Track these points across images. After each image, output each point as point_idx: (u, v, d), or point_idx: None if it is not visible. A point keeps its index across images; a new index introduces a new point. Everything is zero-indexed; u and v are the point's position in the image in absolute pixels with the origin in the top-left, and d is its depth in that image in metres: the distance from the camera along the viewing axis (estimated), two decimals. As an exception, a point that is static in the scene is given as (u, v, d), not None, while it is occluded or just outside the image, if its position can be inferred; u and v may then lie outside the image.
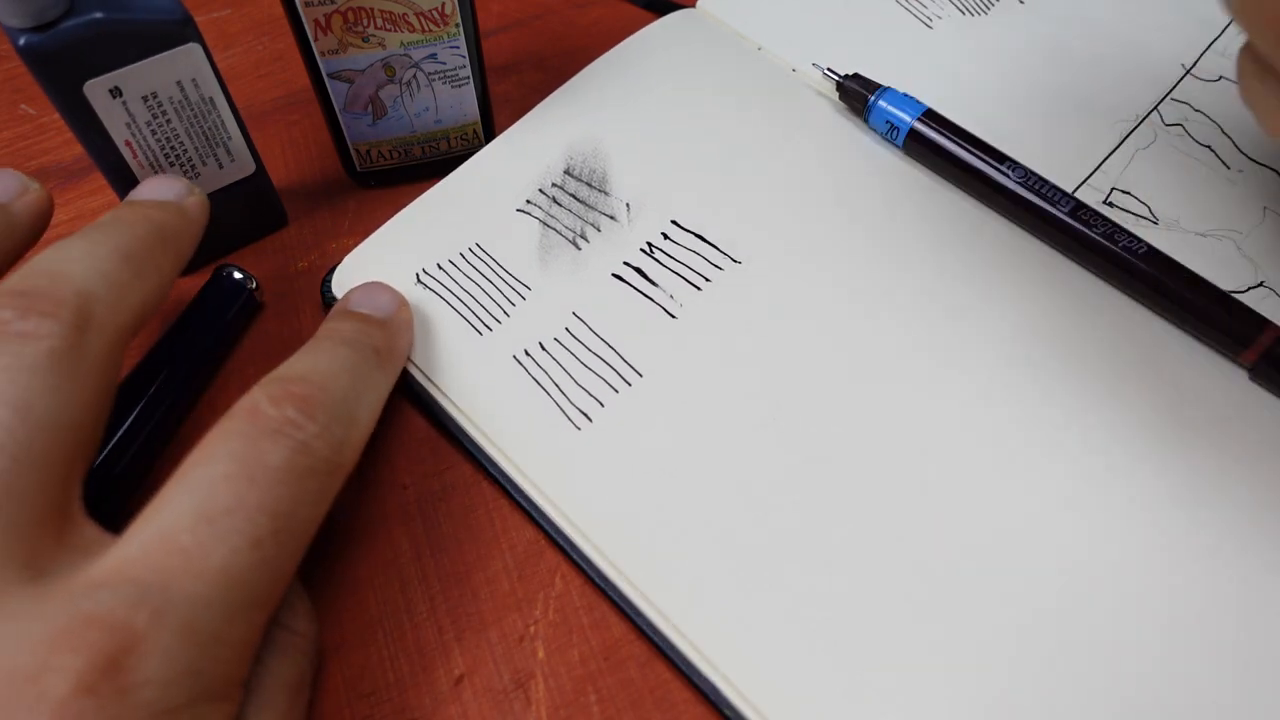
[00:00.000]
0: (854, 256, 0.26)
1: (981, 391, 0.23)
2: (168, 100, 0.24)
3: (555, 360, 0.24)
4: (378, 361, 0.22)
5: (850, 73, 0.29)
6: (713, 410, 0.23)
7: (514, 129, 0.30)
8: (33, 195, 0.22)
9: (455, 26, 0.26)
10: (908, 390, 0.23)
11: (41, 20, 0.21)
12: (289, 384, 0.19)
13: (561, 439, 0.23)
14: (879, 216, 0.27)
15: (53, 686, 0.14)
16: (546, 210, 0.28)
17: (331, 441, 0.19)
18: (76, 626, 0.15)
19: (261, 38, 0.36)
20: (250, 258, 0.29)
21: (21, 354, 0.17)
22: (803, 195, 0.28)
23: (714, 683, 0.20)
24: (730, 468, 0.22)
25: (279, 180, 0.30)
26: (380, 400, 0.22)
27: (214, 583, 0.16)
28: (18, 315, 0.17)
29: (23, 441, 0.16)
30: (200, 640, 0.16)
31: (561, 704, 0.20)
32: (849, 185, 0.28)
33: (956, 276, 0.26)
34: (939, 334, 0.24)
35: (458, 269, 0.26)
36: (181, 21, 0.23)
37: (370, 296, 0.24)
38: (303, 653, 0.19)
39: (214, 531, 0.17)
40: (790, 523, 0.21)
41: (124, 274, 0.20)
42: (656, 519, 0.22)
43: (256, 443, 0.18)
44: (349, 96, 0.27)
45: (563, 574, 0.22)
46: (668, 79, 0.31)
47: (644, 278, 0.26)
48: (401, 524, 0.23)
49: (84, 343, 0.18)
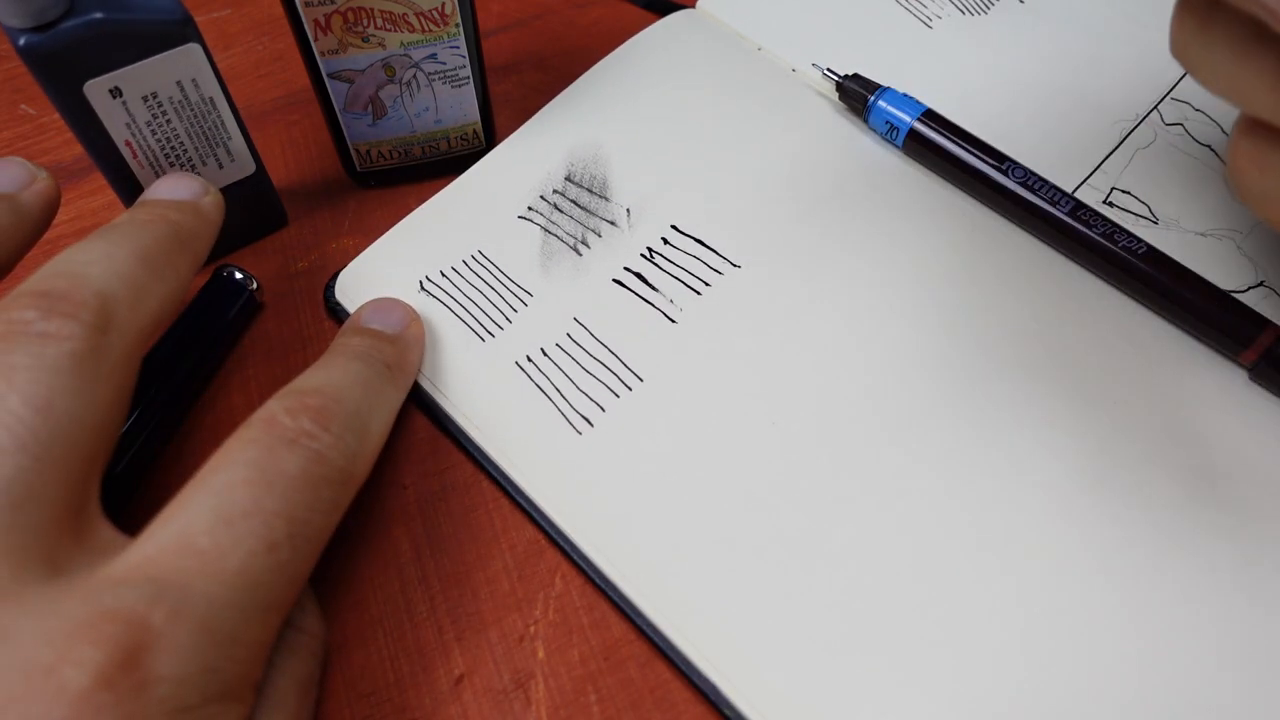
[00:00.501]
0: (854, 258, 0.26)
1: (981, 392, 0.23)
2: (168, 100, 0.24)
3: (557, 365, 0.24)
4: (389, 376, 0.22)
5: (850, 73, 0.29)
6: (713, 414, 0.23)
7: (515, 136, 0.30)
8: (41, 184, 0.22)
9: (455, 26, 0.26)
10: (907, 391, 0.23)
11: (41, 20, 0.21)
12: (304, 396, 0.20)
13: (563, 443, 0.23)
14: (879, 217, 0.27)
15: (71, 679, 0.14)
16: (548, 217, 0.28)
17: (345, 452, 0.19)
18: (95, 621, 0.15)
19: (261, 38, 0.36)
20: (250, 258, 0.29)
21: (44, 354, 0.17)
22: (802, 196, 0.28)
23: (714, 683, 0.20)
24: (730, 470, 0.22)
25: (279, 180, 0.30)
26: (391, 414, 0.22)
27: (231, 584, 0.16)
28: (40, 316, 0.18)
29: (44, 441, 0.16)
30: (217, 640, 0.16)
31: (561, 704, 0.20)
32: (848, 186, 0.28)
33: (956, 277, 0.26)
34: (939, 335, 0.24)
35: (460, 276, 0.26)
36: (181, 21, 0.23)
37: (382, 313, 0.24)
38: (312, 653, 0.20)
39: (232, 534, 0.17)
40: (790, 524, 0.21)
41: (143, 276, 0.20)
42: (657, 521, 0.22)
43: (273, 451, 0.18)
44: (349, 96, 0.27)
45: (563, 574, 0.22)
46: (667, 81, 0.31)
47: (645, 283, 0.26)
48: (401, 524, 0.23)
49: (104, 344, 0.18)
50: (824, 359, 0.24)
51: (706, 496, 0.22)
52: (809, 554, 0.21)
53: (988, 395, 0.23)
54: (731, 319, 0.25)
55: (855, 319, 0.25)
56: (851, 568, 0.21)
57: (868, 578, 0.21)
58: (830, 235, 0.27)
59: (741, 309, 0.25)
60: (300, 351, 0.26)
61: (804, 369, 0.24)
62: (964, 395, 0.23)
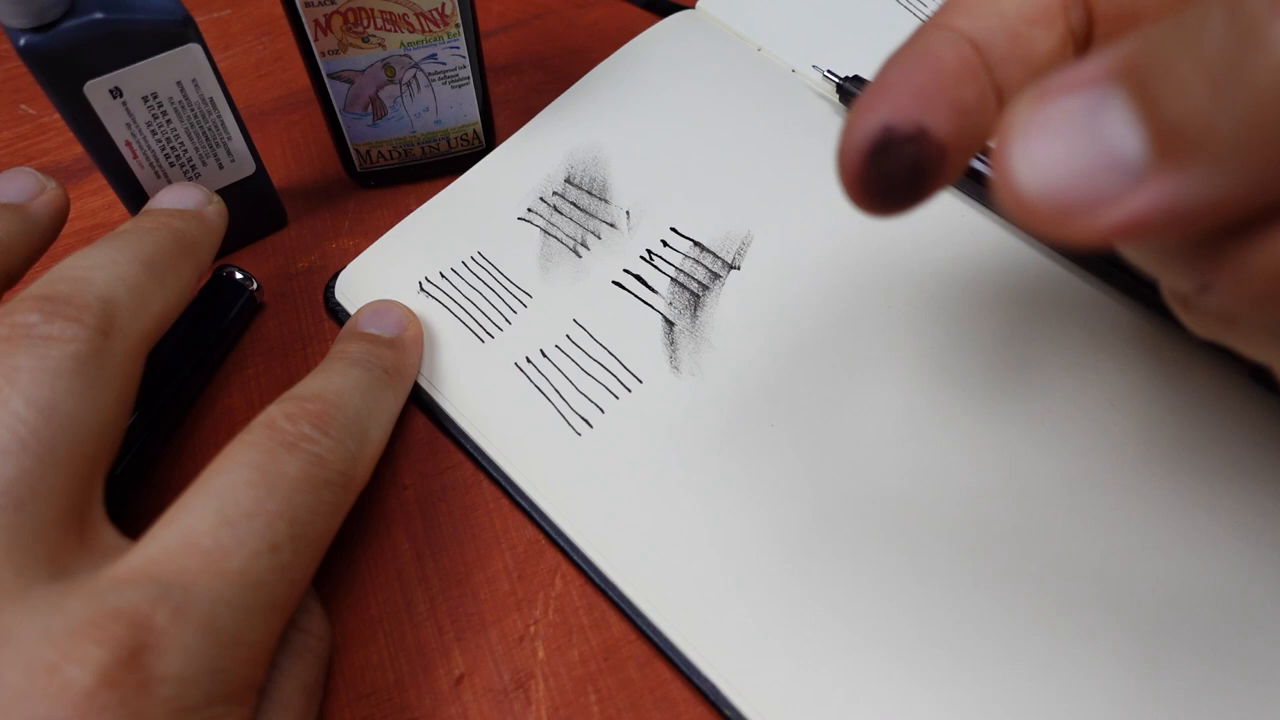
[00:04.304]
0: (853, 260, 0.26)
1: (980, 393, 0.23)
2: (168, 101, 0.24)
3: (556, 367, 0.25)
4: (388, 381, 0.23)
5: (850, 75, 0.29)
6: (713, 415, 0.23)
7: (515, 138, 0.30)
8: (50, 194, 0.22)
9: (455, 27, 0.26)
10: (908, 393, 0.23)
11: (42, 21, 0.21)
12: (304, 402, 0.20)
13: (562, 444, 0.23)
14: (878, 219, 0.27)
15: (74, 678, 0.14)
16: (547, 218, 0.28)
17: (345, 456, 0.20)
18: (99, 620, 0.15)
19: (261, 38, 0.36)
20: (250, 258, 0.29)
21: (47, 357, 0.17)
22: (801, 198, 0.28)
23: (714, 683, 0.20)
24: (730, 471, 0.22)
25: (279, 180, 0.30)
26: (391, 419, 0.22)
27: (234, 584, 0.17)
28: (44, 319, 0.18)
29: (47, 443, 0.17)
30: (220, 640, 0.16)
31: (561, 704, 0.20)
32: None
33: (955, 280, 0.26)
34: (938, 337, 0.24)
35: (460, 277, 0.26)
36: (181, 22, 0.23)
37: (379, 317, 0.25)
38: (317, 654, 0.20)
39: (235, 534, 0.17)
40: (790, 525, 0.21)
41: (145, 281, 0.20)
42: (657, 521, 0.22)
43: (274, 454, 0.18)
44: (349, 97, 0.27)
45: (563, 574, 0.22)
46: (667, 83, 0.31)
47: (644, 285, 0.26)
48: (401, 524, 0.23)
49: (107, 347, 0.18)
50: (823, 360, 0.24)
51: (706, 497, 0.22)
52: (809, 554, 0.21)
53: (987, 395, 0.23)
54: (730, 321, 0.25)
55: (855, 321, 0.25)
56: (852, 568, 0.21)
57: (868, 578, 0.21)
58: (830, 237, 0.27)
59: (741, 311, 0.25)
60: (300, 352, 0.26)
61: (803, 370, 0.24)
62: (963, 396, 0.23)
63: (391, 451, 0.24)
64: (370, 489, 0.24)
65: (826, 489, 0.22)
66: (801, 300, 0.25)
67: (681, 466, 0.23)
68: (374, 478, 0.24)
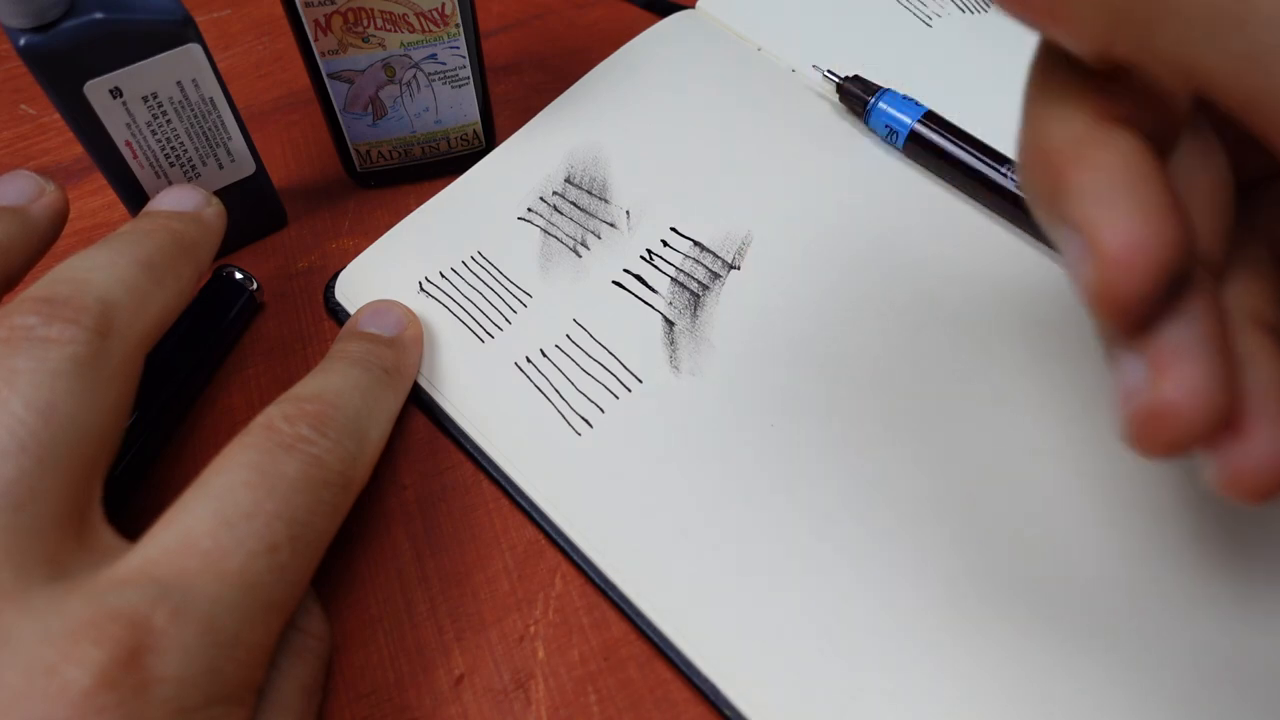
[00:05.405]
0: (853, 260, 0.26)
1: (980, 393, 0.23)
2: (168, 101, 0.24)
3: (556, 367, 0.25)
4: (387, 381, 0.23)
5: (850, 75, 0.29)
6: (713, 415, 0.23)
7: (515, 137, 0.30)
8: (50, 196, 0.22)
9: (455, 27, 0.26)
10: (908, 393, 0.23)
11: (42, 21, 0.21)
12: (302, 403, 0.20)
13: (563, 444, 0.23)
14: (879, 219, 0.27)
15: (73, 679, 0.14)
16: (548, 218, 0.28)
17: (344, 456, 0.20)
18: (97, 621, 0.15)
19: (261, 38, 0.36)
20: (250, 258, 0.29)
21: (46, 359, 0.17)
22: (802, 198, 0.28)
23: (714, 683, 0.20)
24: (730, 471, 0.22)
25: (279, 180, 0.30)
26: (390, 419, 0.22)
27: (233, 584, 0.17)
28: (42, 321, 0.18)
29: (46, 444, 0.17)
30: (219, 640, 0.16)
31: (561, 704, 0.20)
32: (848, 188, 0.28)
33: (957, 279, 0.26)
34: (939, 336, 0.24)
35: (460, 277, 0.26)
36: (181, 22, 0.23)
37: (379, 316, 0.25)
38: (317, 656, 0.20)
39: (233, 535, 0.17)
40: (789, 525, 0.21)
41: (145, 283, 0.20)
42: (657, 521, 0.22)
43: (273, 455, 0.18)
44: (349, 97, 0.27)
45: (563, 574, 0.22)
46: (667, 83, 0.31)
47: (644, 285, 0.26)
48: (401, 524, 0.23)
49: (106, 349, 0.18)
50: (823, 360, 0.24)
51: (706, 497, 0.22)
52: (809, 554, 0.21)
53: (987, 396, 0.23)
54: (730, 321, 0.25)
55: (855, 321, 0.25)
56: (851, 568, 0.21)
57: (867, 578, 0.21)
58: (830, 237, 0.27)
59: (741, 311, 0.25)
60: (300, 351, 0.26)
61: (803, 370, 0.24)
62: (964, 395, 0.23)
63: (391, 451, 0.24)
64: (370, 489, 0.24)
65: (826, 488, 0.22)
66: (801, 300, 0.25)
67: (681, 466, 0.23)
68: (374, 478, 0.24)
